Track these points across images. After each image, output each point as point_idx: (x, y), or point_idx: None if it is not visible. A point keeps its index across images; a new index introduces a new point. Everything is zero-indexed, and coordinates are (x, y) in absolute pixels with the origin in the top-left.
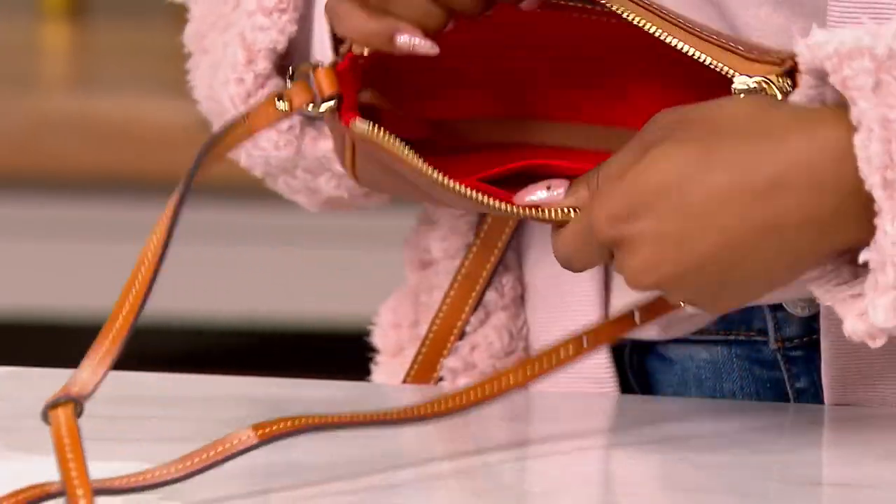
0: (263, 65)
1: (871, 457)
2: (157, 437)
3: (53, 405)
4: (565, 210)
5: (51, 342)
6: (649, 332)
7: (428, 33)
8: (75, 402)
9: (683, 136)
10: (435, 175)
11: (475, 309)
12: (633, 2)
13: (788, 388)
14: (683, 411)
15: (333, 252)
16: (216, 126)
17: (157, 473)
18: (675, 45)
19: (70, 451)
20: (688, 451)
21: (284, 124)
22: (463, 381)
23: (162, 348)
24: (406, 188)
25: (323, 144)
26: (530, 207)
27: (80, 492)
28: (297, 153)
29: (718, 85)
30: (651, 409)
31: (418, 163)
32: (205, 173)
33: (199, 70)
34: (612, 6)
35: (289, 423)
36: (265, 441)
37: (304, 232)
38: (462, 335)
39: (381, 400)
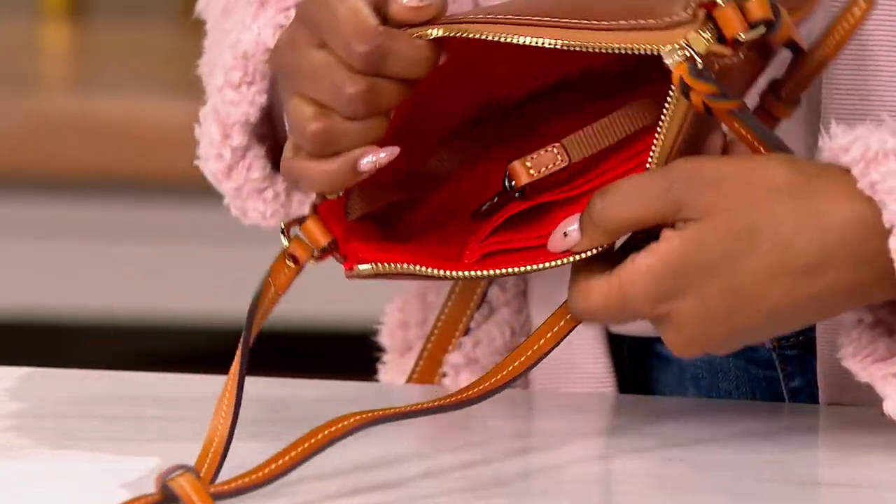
0: (239, 139)
1: (868, 457)
2: (157, 437)
3: (171, 478)
4: (585, 254)
5: (51, 342)
6: (648, 330)
7: (379, 142)
8: (193, 472)
9: (724, 206)
10: (446, 273)
11: (479, 305)
12: (523, 24)
13: (783, 387)
14: (680, 411)
15: None
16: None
17: (266, 471)
18: (587, 48)
19: None
20: (685, 450)
21: (269, 193)
22: (465, 377)
23: (162, 348)
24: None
25: (308, 207)
26: (551, 260)
27: None
28: (286, 219)
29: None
30: (648, 409)
31: (430, 271)
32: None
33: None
34: (500, 39)
35: (351, 421)
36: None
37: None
38: (467, 331)
39: (382, 400)
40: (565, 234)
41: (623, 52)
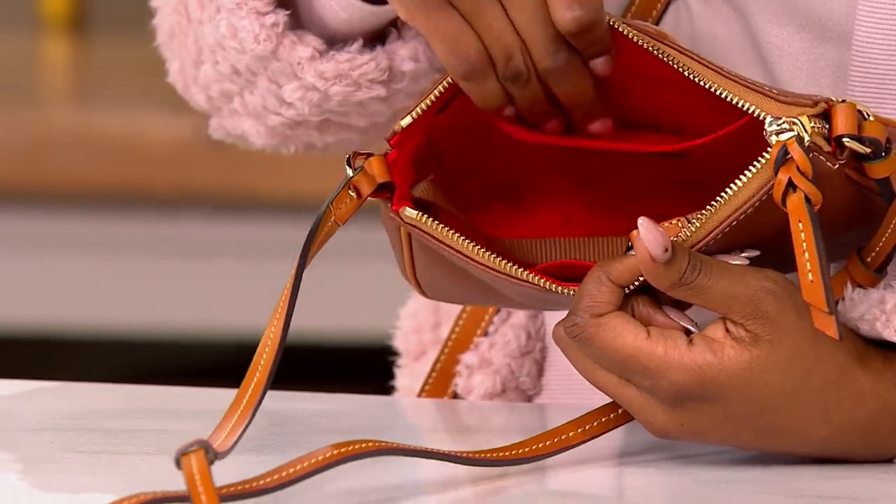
0: None
1: (868, 470)
2: (156, 451)
3: (185, 451)
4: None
5: (53, 356)
6: None
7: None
8: (206, 448)
9: (798, 338)
10: (490, 260)
11: (498, 310)
12: (666, 44)
13: None
14: None
15: (332, 267)
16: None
17: (254, 483)
18: (709, 88)
19: (204, 496)
20: (688, 464)
21: (270, 19)
22: (478, 378)
23: (164, 363)
24: (474, 293)
25: (300, 51)
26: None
27: None
28: (272, 53)
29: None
30: None
31: (471, 249)
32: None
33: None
34: (644, 44)
35: (367, 445)
36: (343, 459)
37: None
38: (486, 334)
39: (387, 414)
40: (665, 250)
41: (734, 102)
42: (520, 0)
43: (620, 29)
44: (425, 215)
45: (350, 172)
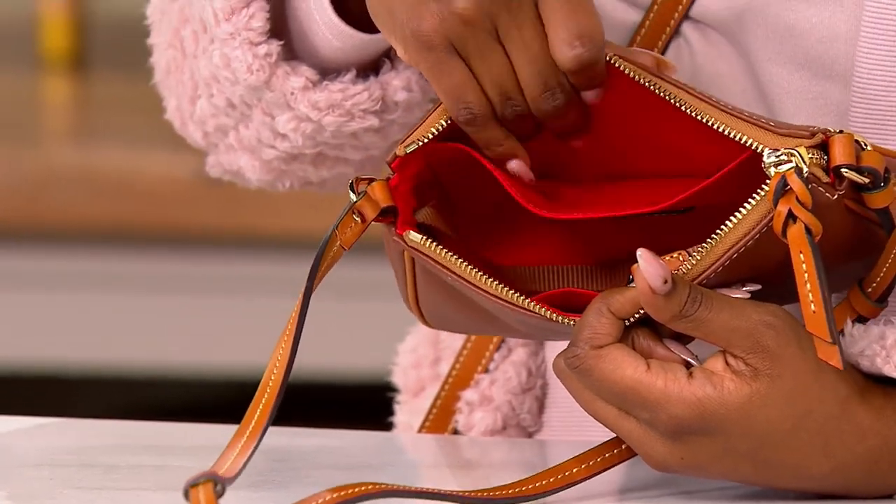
0: None
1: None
2: (155, 486)
3: (194, 483)
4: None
5: (52, 393)
6: None
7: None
8: (215, 481)
9: (800, 371)
10: (494, 287)
11: (499, 346)
12: (664, 79)
13: None
14: None
15: (331, 304)
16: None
17: None
18: (706, 121)
19: None
20: (689, 500)
21: (262, 49)
22: (478, 415)
23: (165, 400)
24: (476, 321)
25: (293, 81)
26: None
27: None
28: (266, 83)
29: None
30: None
31: (474, 275)
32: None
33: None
34: (641, 80)
35: (367, 488)
36: (343, 503)
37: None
38: (486, 371)
39: (387, 450)
40: (665, 282)
41: (732, 136)
42: (520, 41)
43: (617, 65)
44: (429, 239)
45: (353, 197)
